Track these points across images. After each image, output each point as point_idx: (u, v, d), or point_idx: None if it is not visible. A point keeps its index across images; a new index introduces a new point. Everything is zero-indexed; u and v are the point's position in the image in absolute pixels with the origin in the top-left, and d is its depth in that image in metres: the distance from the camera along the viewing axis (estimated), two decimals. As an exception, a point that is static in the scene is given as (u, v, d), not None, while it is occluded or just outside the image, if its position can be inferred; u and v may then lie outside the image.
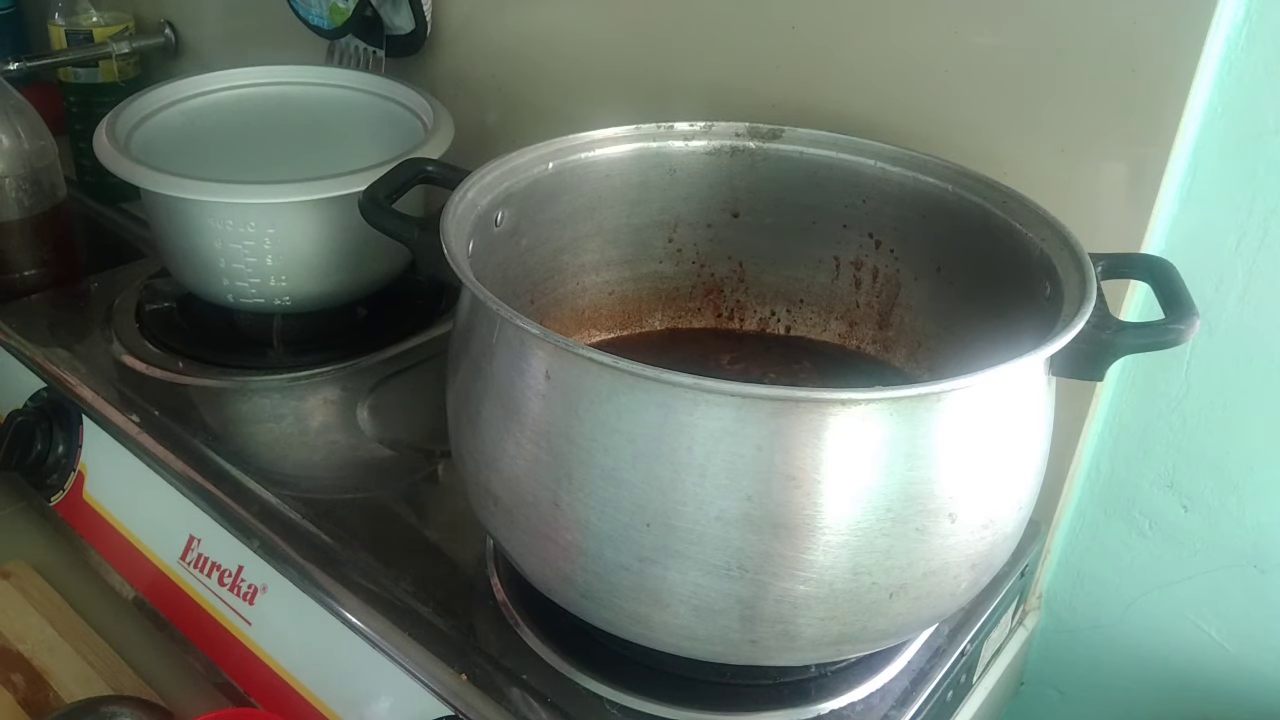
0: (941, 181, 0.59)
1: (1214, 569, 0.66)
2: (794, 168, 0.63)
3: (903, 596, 0.44)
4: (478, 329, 0.49)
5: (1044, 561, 0.72)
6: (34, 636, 0.68)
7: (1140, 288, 0.58)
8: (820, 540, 0.42)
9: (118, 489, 0.73)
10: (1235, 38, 0.54)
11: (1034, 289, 0.51)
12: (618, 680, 0.53)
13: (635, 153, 0.62)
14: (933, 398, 0.41)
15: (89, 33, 1.07)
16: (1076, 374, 0.47)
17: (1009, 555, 0.50)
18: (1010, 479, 0.46)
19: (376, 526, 0.64)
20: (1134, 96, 0.56)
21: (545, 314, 0.64)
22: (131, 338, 0.81)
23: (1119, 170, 0.58)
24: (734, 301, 0.69)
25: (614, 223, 0.64)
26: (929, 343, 0.63)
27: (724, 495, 0.41)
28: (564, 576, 0.47)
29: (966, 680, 0.63)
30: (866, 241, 0.64)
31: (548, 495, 0.45)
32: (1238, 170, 0.57)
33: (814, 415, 0.40)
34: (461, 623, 0.57)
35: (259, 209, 0.72)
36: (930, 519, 0.43)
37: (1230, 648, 0.68)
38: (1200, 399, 0.63)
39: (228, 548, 0.65)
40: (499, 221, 0.56)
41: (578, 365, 0.42)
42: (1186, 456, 0.65)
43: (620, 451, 0.42)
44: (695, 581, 0.43)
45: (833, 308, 0.67)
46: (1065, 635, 0.75)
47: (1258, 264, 0.58)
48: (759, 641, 0.45)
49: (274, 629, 0.63)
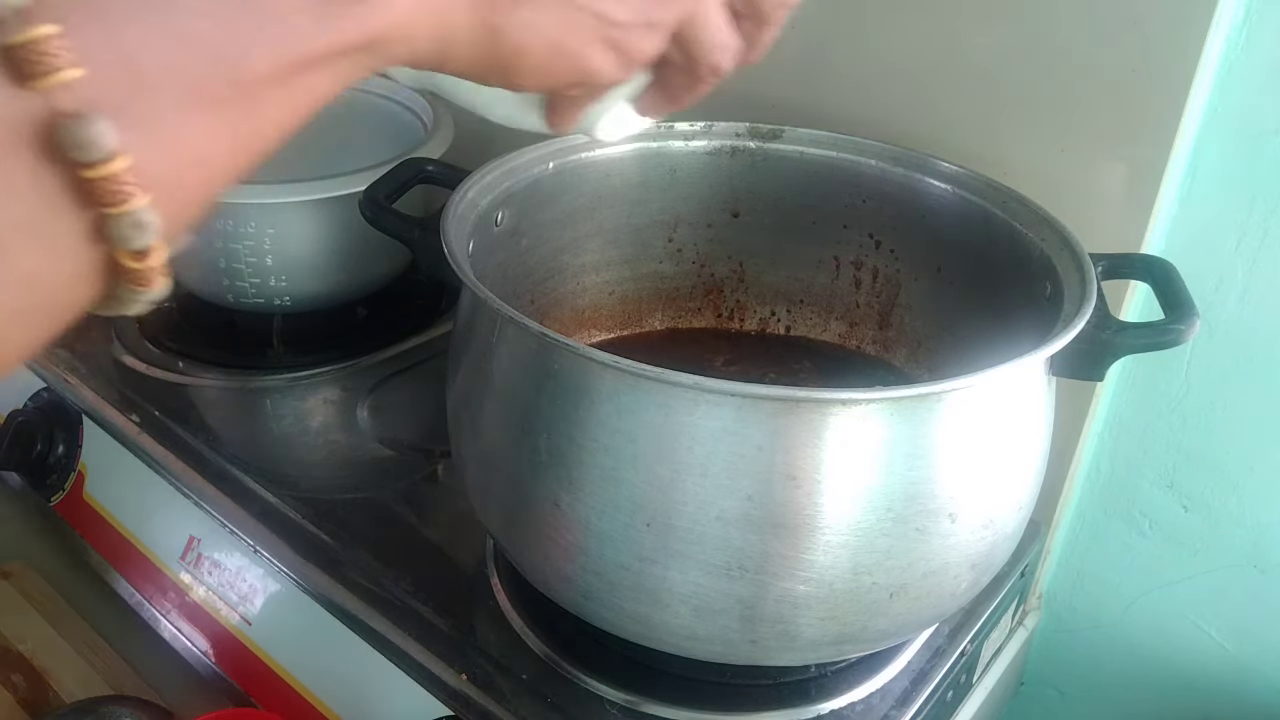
0: (941, 181, 0.59)
1: (1214, 569, 0.66)
2: (794, 168, 0.63)
3: (903, 596, 0.44)
4: (478, 329, 0.49)
5: (1044, 561, 0.72)
6: (34, 636, 0.68)
7: (1140, 288, 0.58)
8: (820, 540, 0.42)
9: (118, 489, 0.73)
10: (1235, 38, 0.54)
11: (1034, 289, 0.51)
12: (618, 680, 0.53)
13: (635, 153, 0.62)
14: (933, 398, 0.41)
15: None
16: (1076, 374, 0.47)
17: (1009, 555, 0.50)
18: (1010, 479, 0.46)
19: (376, 526, 0.64)
20: (1134, 96, 0.56)
21: (545, 314, 0.64)
22: (131, 338, 0.81)
23: (1119, 170, 0.58)
24: (734, 301, 0.69)
25: (614, 223, 0.64)
26: (929, 343, 0.63)
27: (724, 495, 0.41)
28: (564, 576, 0.47)
29: (966, 680, 0.63)
30: (866, 241, 0.64)
31: (548, 495, 0.45)
32: (1238, 170, 0.57)
33: (814, 415, 0.40)
34: (461, 623, 0.57)
35: (259, 209, 0.72)
36: (930, 519, 0.43)
37: (1230, 648, 0.68)
38: (1200, 399, 0.63)
39: (228, 548, 0.65)
40: (499, 221, 0.56)
41: (578, 365, 0.42)
42: (1186, 456, 0.65)
43: (620, 451, 0.42)
44: (695, 581, 0.43)
45: (833, 308, 0.67)
46: (1065, 635, 0.75)
47: (1258, 264, 0.58)
48: (759, 641, 0.45)
49: (274, 629, 0.63)
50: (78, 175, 0.19)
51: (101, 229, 0.20)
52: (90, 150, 0.19)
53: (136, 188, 0.19)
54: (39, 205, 0.19)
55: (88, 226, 0.20)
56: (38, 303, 0.20)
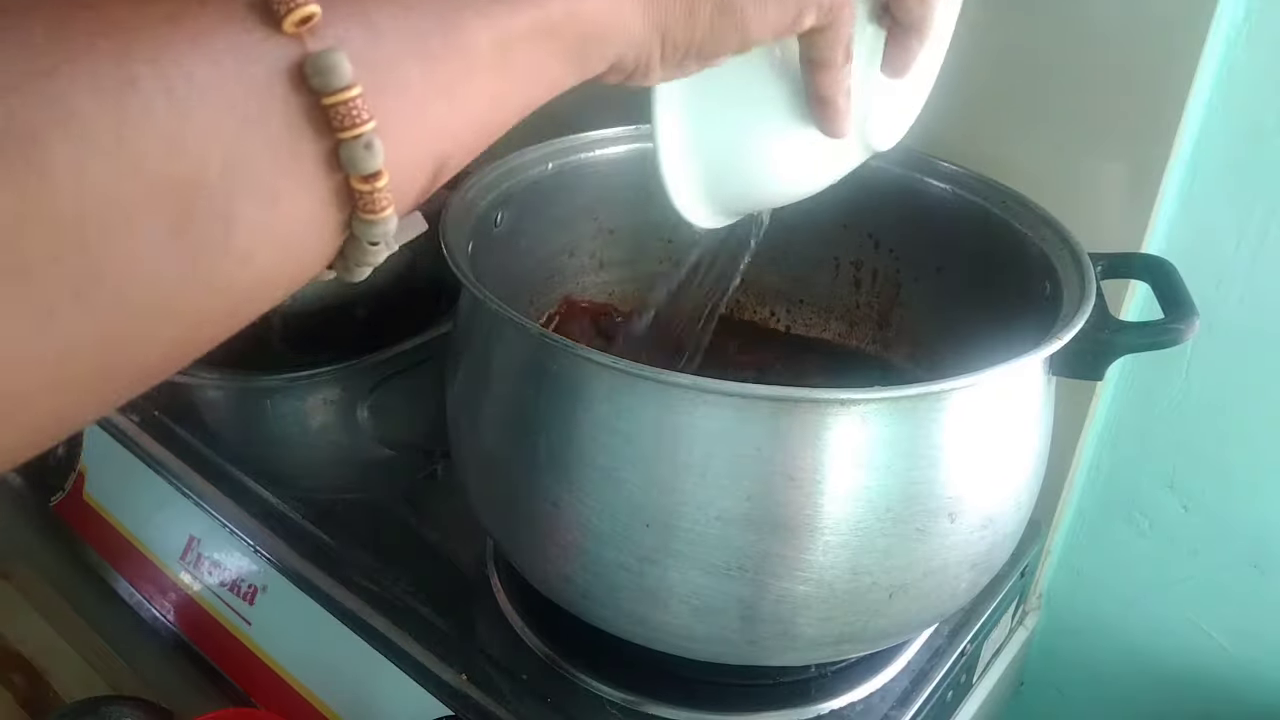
0: (941, 181, 0.59)
1: (1214, 569, 0.66)
2: (794, 168, 0.63)
3: (903, 596, 0.44)
4: (477, 329, 0.49)
5: (1044, 561, 0.72)
6: (34, 636, 0.68)
7: (1140, 288, 0.58)
8: (820, 540, 0.42)
9: (118, 489, 0.73)
10: (1235, 38, 0.54)
11: (1034, 289, 0.51)
12: (617, 680, 0.53)
13: (635, 153, 0.62)
14: (933, 397, 0.41)
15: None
16: (1076, 374, 0.47)
17: (1009, 555, 0.50)
18: (1010, 479, 0.46)
19: (376, 526, 0.64)
20: (1134, 96, 0.56)
21: (545, 314, 0.64)
22: (131, 338, 0.81)
23: (1119, 170, 0.58)
24: (733, 301, 0.69)
25: (614, 223, 0.64)
26: (929, 342, 0.63)
27: (724, 495, 0.41)
28: (564, 576, 0.47)
29: (966, 680, 0.63)
30: (866, 241, 0.64)
31: (547, 495, 0.45)
32: (1238, 170, 0.56)
33: (814, 415, 0.40)
34: (461, 623, 0.57)
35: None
36: (930, 519, 0.43)
37: (1230, 648, 0.68)
38: (1200, 399, 0.63)
39: (228, 548, 0.65)
40: (499, 222, 0.56)
41: (577, 365, 0.42)
42: (1186, 456, 0.65)
43: (620, 451, 0.42)
44: (695, 581, 0.43)
45: (832, 308, 0.67)
46: (1065, 635, 0.75)
47: (1258, 264, 0.58)
48: (759, 642, 0.45)
49: (274, 629, 0.63)
50: (319, 102, 0.22)
51: (337, 154, 0.23)
52: (330, 78, 0.22)
53: (366, 112, 0.22)
54: (288, 132, 0.22)
55: (326, 151, 0.23)
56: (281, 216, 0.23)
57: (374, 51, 0.23)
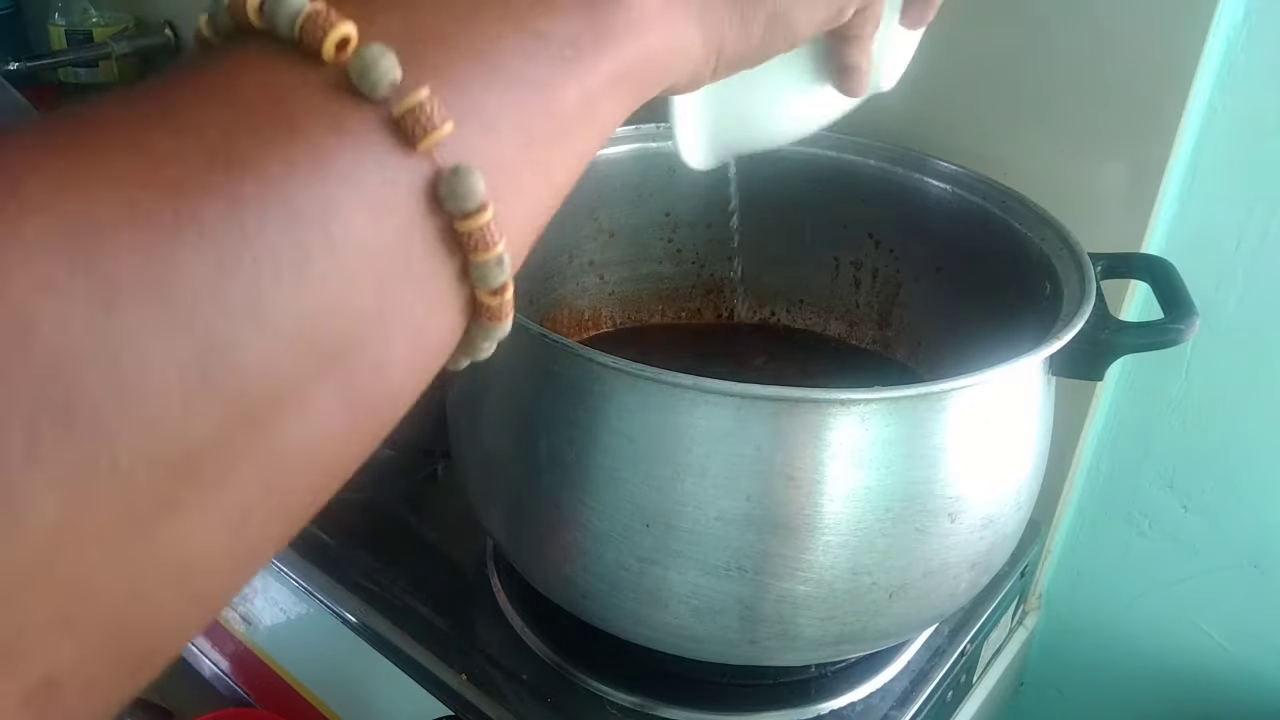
0: (941, 181, 0.59)
1: (1214, 569, 0.66)
2: (794, 168, 0.63)
3: (902, 596, 0.44)
4: (477, 329, 0.48)
5: (1044, 561, 0.72)
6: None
7: (1140, 288, 0.58)
8: (820, 540, 0.42)
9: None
10: (1235, 38, 0.54)
11: (1033, 288, 0.51)
12: (617, 680, 0.53)
13: (635, 153, 0.62)
14: (932, 397, 0.41)
15: (89, 33, 1.07)
16: (1076, 374, 0.47)
17: (1009, 555, 0.50)
18: (1010, 479, 0.46)
19: (376, 526, 0.64)
20: (1134, 96, 0.56)
21: (545, 314, 0.64)
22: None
23: (1119, 170, 0.58)
24: (734, 301, 0.69)
25: (614, 223, 0.64)
26: (929, 342, 0.63)
27: (724, 495, 0.41)
28: (564, 576, 0.47)
29: (966, 680, 0.63)
30: (866, 241, 0.64)
31: (547, 496, 0.45)
32: (1238, 170, 0.56)
33: (814, 415, 0.40)
34: (461, 623, 0.57)
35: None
36: (930, 519, 0.43)
37: (1230, 648, 0.68)
38: (1200, 399, 0.63)
39: (228, 548, 0.65)
40: (499, 221, 0.56)
41: (577, 365, 0.42)
42: (1186, 456, 0.65)
43: (620, 451, 0.42)
44: (695, 582, 0.43)
45: (832, 308, 0.67)
46: (1065, 635, 0.75)
47: (1258, 264, 0.58)
48: (759, 642, 0.45)
49: (274, 629, 0.63)
50: (452, 225, 0.20)
51: (468, 271, 0.21)
52: (467, 200, 0.20)
53: (499, 231, 0.21)
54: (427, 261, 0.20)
55: (457, 270, 0.21)
56: (423, 346, 0.21)
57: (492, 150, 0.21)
